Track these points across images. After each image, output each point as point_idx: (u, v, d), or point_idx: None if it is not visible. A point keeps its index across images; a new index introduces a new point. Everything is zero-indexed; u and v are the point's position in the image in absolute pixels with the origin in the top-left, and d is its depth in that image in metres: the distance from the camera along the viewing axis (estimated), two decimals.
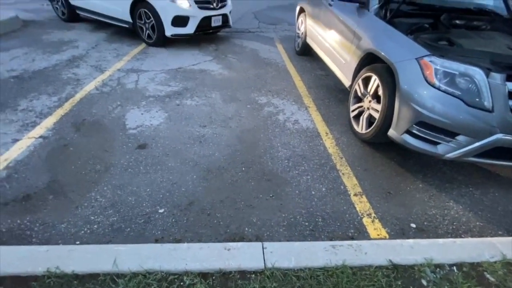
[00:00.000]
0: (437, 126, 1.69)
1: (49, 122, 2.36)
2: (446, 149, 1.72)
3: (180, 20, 4.10)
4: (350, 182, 1.93)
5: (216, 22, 4.43)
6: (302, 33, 4.24)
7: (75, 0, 4.86)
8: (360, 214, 1.69)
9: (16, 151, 2.01)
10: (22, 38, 4.34)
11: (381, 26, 2.18)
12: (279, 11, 7.69)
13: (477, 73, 1.56)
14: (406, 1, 2.26)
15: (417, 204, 1.79)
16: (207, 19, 4.26)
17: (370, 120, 2.22)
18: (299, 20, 4.45)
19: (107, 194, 1.70)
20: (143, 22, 4.22)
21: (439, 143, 1.74)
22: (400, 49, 1.90)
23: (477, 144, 1.63)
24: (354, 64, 2.47)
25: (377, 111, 2.08)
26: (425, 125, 1.73)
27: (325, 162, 2.11)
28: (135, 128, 2.35)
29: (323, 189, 1.86)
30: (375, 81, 2.10)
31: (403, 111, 1.81)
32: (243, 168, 1.99)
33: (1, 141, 2.09)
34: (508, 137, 1.59)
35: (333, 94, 3.21)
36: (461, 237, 1.58)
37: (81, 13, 5.02)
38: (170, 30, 4.13)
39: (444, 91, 1.64)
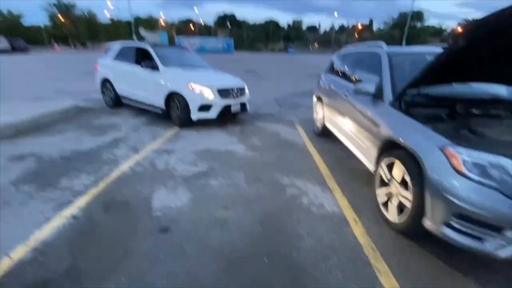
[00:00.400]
0: (478, 220, 1.55)
1: (82, 201, 2.49)
2: (496, 246, 1.52)
3: (205, 107, 4.82)
4: (389, 283, 1.69)
5: (235, 108, 5.14)
6: (321, 117, 4.56)
7: (121, 91, 6.01)
8: None
9: (47, 231, 2.07)
10: (77, 123, 5.07)
11: (398, 116, 2.30)
12: (298, 97, 8.53)
13: (510, 164, 1.51)
14: (420, 93, 2.43)
15: None
16: (227, 106, 4.98)
17: (401, 208, 2.10)
18: (317, 106, 4.85)
19: (122, 286, 1.61)
20: (174, 108, 4.98)
21: (485, 239, 1.55)
22: (421, 138, 1.94)
23: None
24: (375, 149, 2.52)
25: (407, 199, 1.99)
26: (465, 218, 1.59)
27: (357, 255, 1.92)
28: (160, 209, 2.39)
29: None
30: (399, 167, 2.09)
31: (436, 201, 1.71)
32: (266, 260, 1.85)
33: (36, 220, 2.20)
34: None
35: (357, 176, 3.18)
36: None
37: (125, 101, 6.09)
38: (196, 115, 4.82)
39: (478, 182, 1.57)
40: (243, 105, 5.32)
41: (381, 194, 2.38)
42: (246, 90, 5.51)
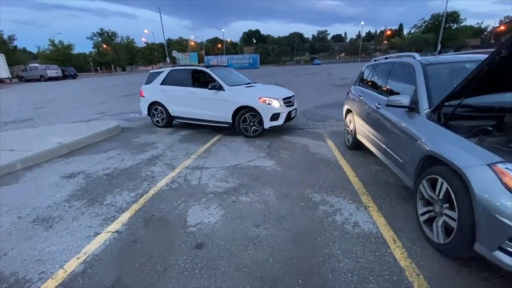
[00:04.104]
0: None
1: (125, 217, 2.68)
2: None
3: (275, 116, 5.41)
4: None
5: (293, 114, 5.87)
6: (352, 130, 4.44)
7: (176, 112, 6.32)
8: None
9: (95, 245, 2.26)
10: (118, 142, 5.52)
11: (438, 130, 2.18)
12: (325, 109, 8.40)
13: None
14: (461, 105, 2.28)
15: None
16: (289, 113, 5.65)
17: (446, 228, 1.95)
18: (347, 119, 4.75)
19: None
20: (240, 121, 5.47)
21: None
22: (465, 154, 1.81)
23: None
24: (413, 164, 2.39)
25: (453, 219, 1.84)
26: None
27: (399, 279, 1.80)
28: (195, 225, 2.49)
29: None
30: (442, 184, 1.95)
31: (487, 223, 1.57)
32: (300, 281, 1.81)
33: (86, 234, 2.41)
34: None
35: (394, 192, 3.01)
36: None
37: (180, 121, 6.46)
38: (268, 124, 5.38)
39: None
40: (295, 110, 6.05)
41: (422, 212, 2.23)
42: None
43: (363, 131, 3.90)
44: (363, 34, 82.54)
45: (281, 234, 2.33)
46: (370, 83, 4.16)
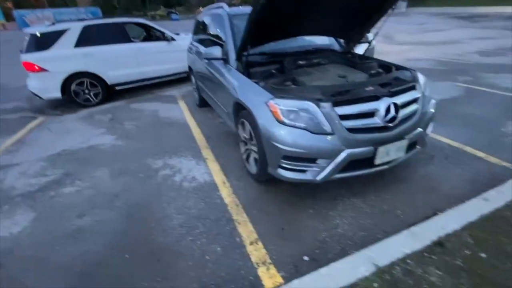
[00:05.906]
0: (299, 157, 1.85)
1: None
2: (314, 174, 1.88)
3: None
4: (246, 230, 1.89)
5: None
6: (196, 88, 4.43)
7: (119, 77, 5.12)
8: (255, 265, 1.63)
9: None
10: None
11: (240, 78, 2.41)
12: None
13: (310, 106, 1.81)
14: (255, 53, 2.56)
15: (309, 233, 1.85)
16: None
17: (256, 160, 2.32)
18: (192, 77, 4.67)
19: None
20: None
21: (306, 170, 1.89)
22: (253, 96, 2.10)
23: (333, 162, 1.83)
24: (232, 112, 2.62)
25: (256, 152, 2.19)
26: (290, 158, 1.87)
27: (222, 215, 2.05)
28: None
29: (218, 249, 1.76)
30: (247, 125, 2.25)
31: (269, 149, 1.94)
32: (127, 256, 1.74)
33: None
34: (354, 151, 1.84)
35: (230, 139, 3.31)
36: (348, 254, 1.65)
37: (123, 87, 5.29)
38: None
39: (292, 126, 1.83)
40: None
41: (243, 151, 2.56)
42: None
43: (202, 87, 3.94)
44: None
45: (113, 215, 2.13)
46: (199, 37, 4.11)
